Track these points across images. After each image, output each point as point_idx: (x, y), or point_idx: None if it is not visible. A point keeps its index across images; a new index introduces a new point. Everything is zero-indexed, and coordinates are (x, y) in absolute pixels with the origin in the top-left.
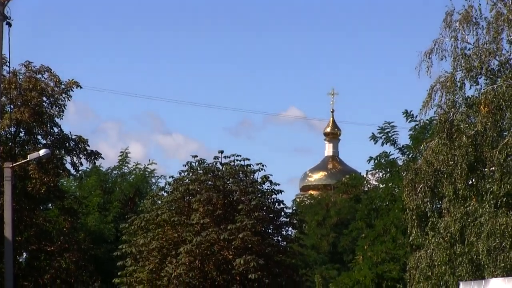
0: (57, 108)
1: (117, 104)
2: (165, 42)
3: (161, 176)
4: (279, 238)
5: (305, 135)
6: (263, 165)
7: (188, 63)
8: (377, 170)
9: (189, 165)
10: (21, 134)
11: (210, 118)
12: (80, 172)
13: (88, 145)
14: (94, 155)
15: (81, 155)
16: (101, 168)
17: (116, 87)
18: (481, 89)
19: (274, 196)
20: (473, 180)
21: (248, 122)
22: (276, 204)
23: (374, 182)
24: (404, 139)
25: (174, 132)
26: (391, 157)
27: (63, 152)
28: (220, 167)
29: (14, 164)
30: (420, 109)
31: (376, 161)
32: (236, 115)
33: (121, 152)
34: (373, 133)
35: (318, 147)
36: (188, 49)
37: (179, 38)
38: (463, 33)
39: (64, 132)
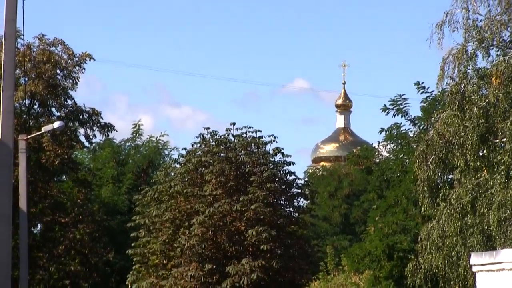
0: (70, 81)
1: (125, 76)
2: (173, 15)
3: (174, 148)
4: (291, 209)
5: (313, 106)
6: (275, 137)
7: (195, 35)
8: (388, 142)
9: (201, 137)
10: (35, 107)
11: (217, 90)
12: (93, 144)
13: (102, 117)
14: (107, 127)
15: (94, 127)
16: (114, 140)
17: (124, 59)
18: (492, 60)
19: (285, 167)
20: (484, 151)
21: (256, 93)
22: (288, 175)
23: (385, 154)
24: (415, 110)
25: (183, 104)
26: (402, 128)
27: (76, 124)
28: (232, 139)
29: (28, 136)
30: (437, 84)
31: (387, 133)
32: (244, 87)
33: (133, 124)
34: (384, 104)
35: (327, 119)
36: (196, 21)
37: (187, 11)
38: (475, 4)
39: (78, 105)
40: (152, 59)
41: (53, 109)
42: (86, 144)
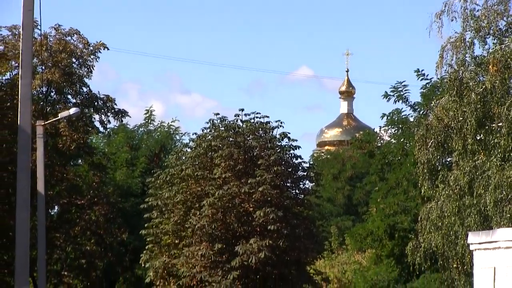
0: (85, 69)
1: (136, 64)
2: (183, 3)
3: (185, 133)
4: (297, 191)
5: (317, 93)
6: (281, 123)
7: (204, 24)
8: (389, 126)
9: (211, 122)
10: (52, 94)
11: (225, 78)
12: (108, 129)
13: (116, 104)
14: (121, 113)
15: (109, 114)
16: (127, 126)
17: (136, 48)
18: (489, 48)
19: (292, 151)
20: (482, 135)
21: (262, 81)
22: (294, 159)
23: (387, 138)
24: (415, 96)
25: (192, 91)
26: (403, 114)
27: (92, 110)
28: (241, 124)
29: (45, 122)
30: (436, 71)
31: (388, 118)
32: (250, 75)
33: (146, 110)
34: (386, 91)
35: (331, 105)
36: (204, 11)
37: (196, 2)
38: None
39: (93, 92)
40: (163, 48)
41: (69, 96)
42: (101, 129)
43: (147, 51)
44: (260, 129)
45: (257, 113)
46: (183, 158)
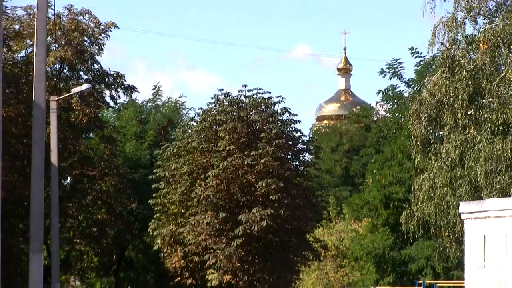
0: (96, 47)
1: (144, 42)
2: None
3: (191, 108)
4: (297, 163)
5: (315, 70)
6: (282, 98)
7: (209, 4)
8: (385, 102)
9: (216, 98)
10: (65, 71)
11: (228, 55)
12: (118, 104)
13: (125, 80)
14: (130, 89)
15: (119, 89)
16: (136, 101)
17: (143, 26)
18: (480, 28)
19: (292, 125)
20: (472, 110)
21: (263, 58)
22: (294, 132)
23: (382, 113)
24: (409, 73)
25: (197, 68)
26: (398, 89)
27: (102, 86)
28: (244, 100)
29: (59, 98)
30: (428, 48)
31: (384, 94)
32: (252, 52)
33: (153, 86)
34: (382, 68)
35: (329, 82)
36: None
37: None
38: None
39: (104, 69)
40: (169, 26)
41: (81, 73)
42: (111, 104)
43: (154, 29)
44: (262, 104)
45: (260, 89)
46: (189, 131)
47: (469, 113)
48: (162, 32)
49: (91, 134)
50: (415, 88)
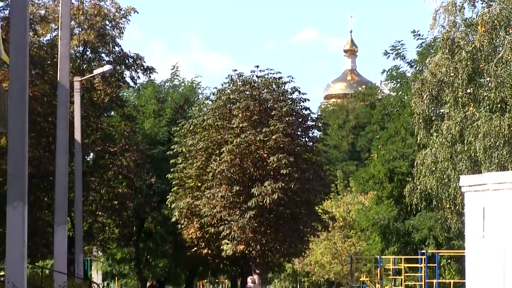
0: (117, 31)
1: (161, 25)
2: None
3: (206, 87)
4: (306, 139)
5: (323, 52)
6: (292, 78)
7: None
8: (389, 81)
9: (230, 77)
10: (88, 53)
11: (239, 37)
12: (137, 84)
13: (144, 62)
14: (149, 70)
15: (138, 70)
16: (155, 81)
17: (161, 10)
18: (478, 11)
19: (301, 103)
20: (471, 88)
21: (272, 40)
22: (304, 110)
23: (386, 91)
24: (412, 54)
25: (210, 50)
26: (401, 70)
27: (123, 67)
28: (256, 79)
29: (82, 78)
30: (429, 30)
31: (388, 73)
32: (262, 34)
33: (172, 66)
34: (385, 49)
35: (336, 63)
36: None
37: None
38: None
39: (124, 51)
40: (185, 10)
41: (103, 55)
42: (131, 84)
43: (172, 14)
44: (274, 83)
45: (271, 70)
46: (205, 109)
47: (468, 91)
48: (177, 16)
49: (112, 112)
50: (417, 68)
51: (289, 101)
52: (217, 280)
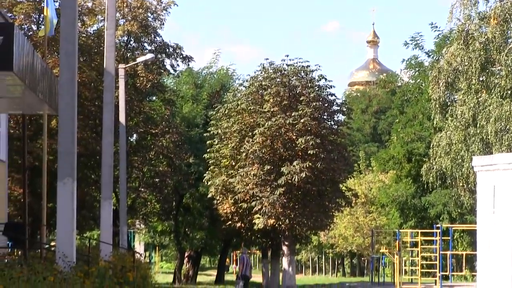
0: (158, 22)
1: (196, 17)
2: None
3: (240, 74)
4: (331, 122)
5: (347, 43)
6: (319, 66)
7: None
8: (408, 70)
9: (262, 66)
10: (131, 42)
11: (268, 30)
12: (177, 71)
13: (183, 51)
14: (188, 59)
15: (178, 59)
16: (193, 69)
17: (196, 4)
18: (491, 5)
19: (328, 90)
20: (484, 76)
21: (299, 32)
22: (330, 96)
23: (406, 79)
24: (429, 45)
25: (242, 41)
26: (419, 59)
27: (164, 56)
28: (286, 67)
29: (126, 66)
30: (446, 23)
31: (407, 62)
32: (290, 26)
33: (213, 53)
34: (405, 40)
35: (359, 52)
36: None
37: None
38: None
39: (165, 41)
40: (217, 4)
41: (145, 44)
42: (171, 71)
43: (206, 7)
44: (302, 71)
45: (300, 58)
46: (239, 95)
47: (481, 79)
48: (211, 9)
49: (154, 97)
50: (434, 58)
51: (316, 87)
52: (249, 252)
